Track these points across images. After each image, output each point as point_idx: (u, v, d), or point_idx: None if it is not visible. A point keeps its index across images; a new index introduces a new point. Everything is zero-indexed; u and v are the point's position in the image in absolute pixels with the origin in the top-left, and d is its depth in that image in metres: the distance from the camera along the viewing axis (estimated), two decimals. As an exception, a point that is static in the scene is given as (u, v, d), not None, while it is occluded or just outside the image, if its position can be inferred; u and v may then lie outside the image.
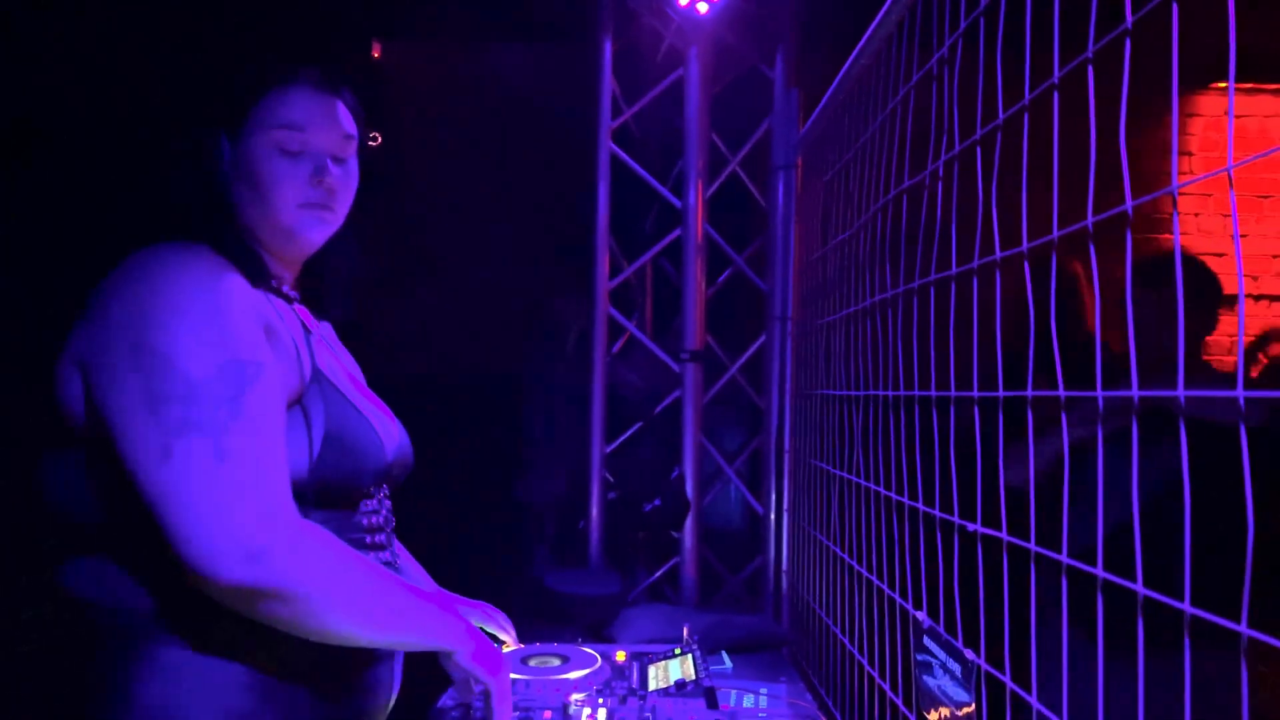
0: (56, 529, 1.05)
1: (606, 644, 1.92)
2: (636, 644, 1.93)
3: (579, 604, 2.25)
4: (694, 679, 1.57)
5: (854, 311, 1.74)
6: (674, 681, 1.57)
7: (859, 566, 1.69)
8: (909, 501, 1.41)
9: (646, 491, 2.56)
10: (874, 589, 1.60)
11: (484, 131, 3.65)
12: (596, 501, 2.67)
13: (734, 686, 1.69)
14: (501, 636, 1.59)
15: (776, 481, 2.59)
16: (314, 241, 1.19)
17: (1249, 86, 4.10)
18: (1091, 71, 0.91)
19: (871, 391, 1.61)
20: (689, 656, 1.68)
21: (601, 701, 1.48)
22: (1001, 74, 1.12)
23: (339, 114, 1.17)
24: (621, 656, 1.77)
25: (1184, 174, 4.19)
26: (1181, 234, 4.16)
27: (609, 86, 2.71)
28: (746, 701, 1.67)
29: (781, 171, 2.60)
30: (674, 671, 1.63)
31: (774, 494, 2.60)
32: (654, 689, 1.57)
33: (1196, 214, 4.17)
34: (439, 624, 1.12)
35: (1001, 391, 1.10)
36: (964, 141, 1.20)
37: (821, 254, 2.14)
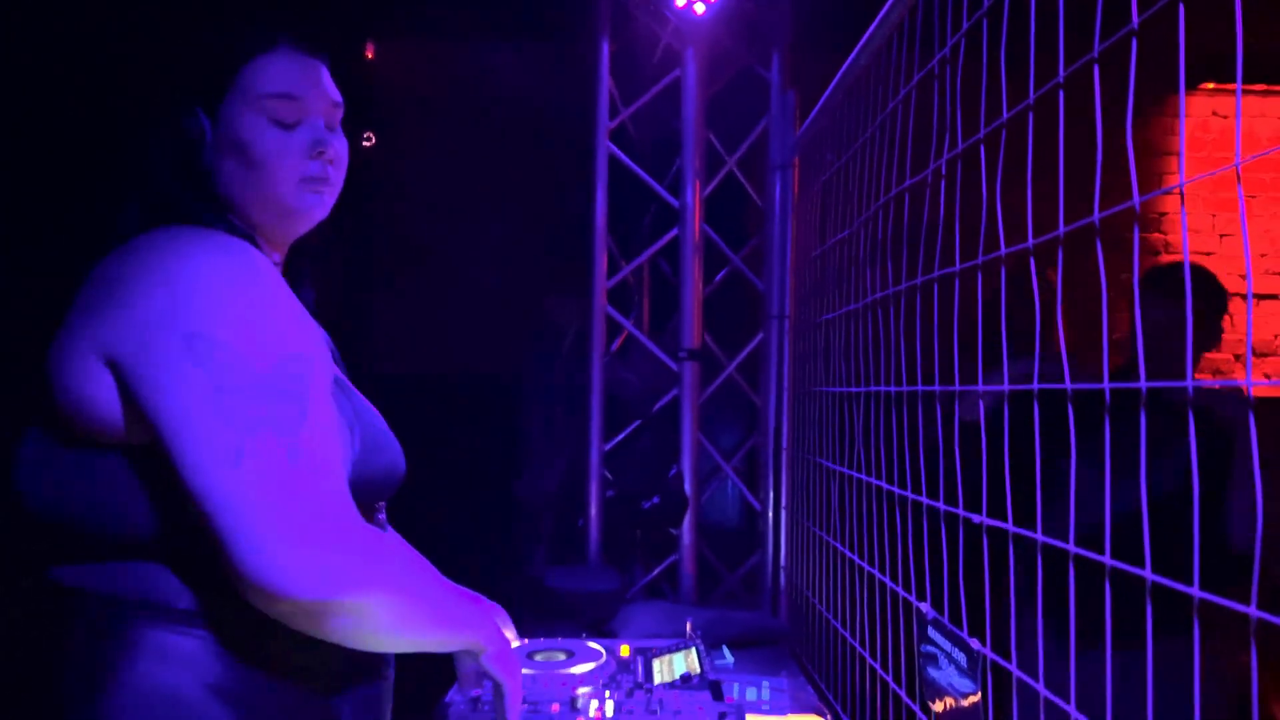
0: (61, 534, 0.94)
1: (609, 639, 1.94)
2: (639, 639, 1.94)
3: (580, 601, 2.26)
4: (699, 672, 1.59)
5: (855, 308, 1.76)
6: (679, 675, 1.59)
7: (860, 560, 1.71)
8: (912, 495, 1.43)
9: (645, 489, 2.57)
10: (875, 582, 1.62)
11: (479, 131, 3.66)
12: (595, 499, 2.69)
13: (736, 680, 1.71)
14: (504, 633, 1.60)
15: (774, 478, 2.61)
16: (314, 219, 1.10)
17: (1233, 88, 4.15)
18: (1097, 71, 0.93)
19: (873, 388, 1.63)
20: (692, 650, 1.69)
21: (608, 694, 1.50)
22: (999, 74, 1.14)
23: (325, 80, 1.09)
24: (625, 651, 1.78)
25: (1172, 174, 4.23)
26: (1171, 233, 4.21)
27: (606, 87, 2.73)
28: (750, 694, 1.69)
29: (778, 171, 2.62)
30: (678, 665, 1.64)
31: (772, 491, 2.62)
32: (659, 682, 1.59)
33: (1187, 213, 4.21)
34: (476, 621, 1.08)
35: (1007, 386, 1.12)
36: (967, 140, 1.22)
37: (820, 252, 2.16)
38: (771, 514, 2.62)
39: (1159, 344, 1.81)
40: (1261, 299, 4.20)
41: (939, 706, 1.29)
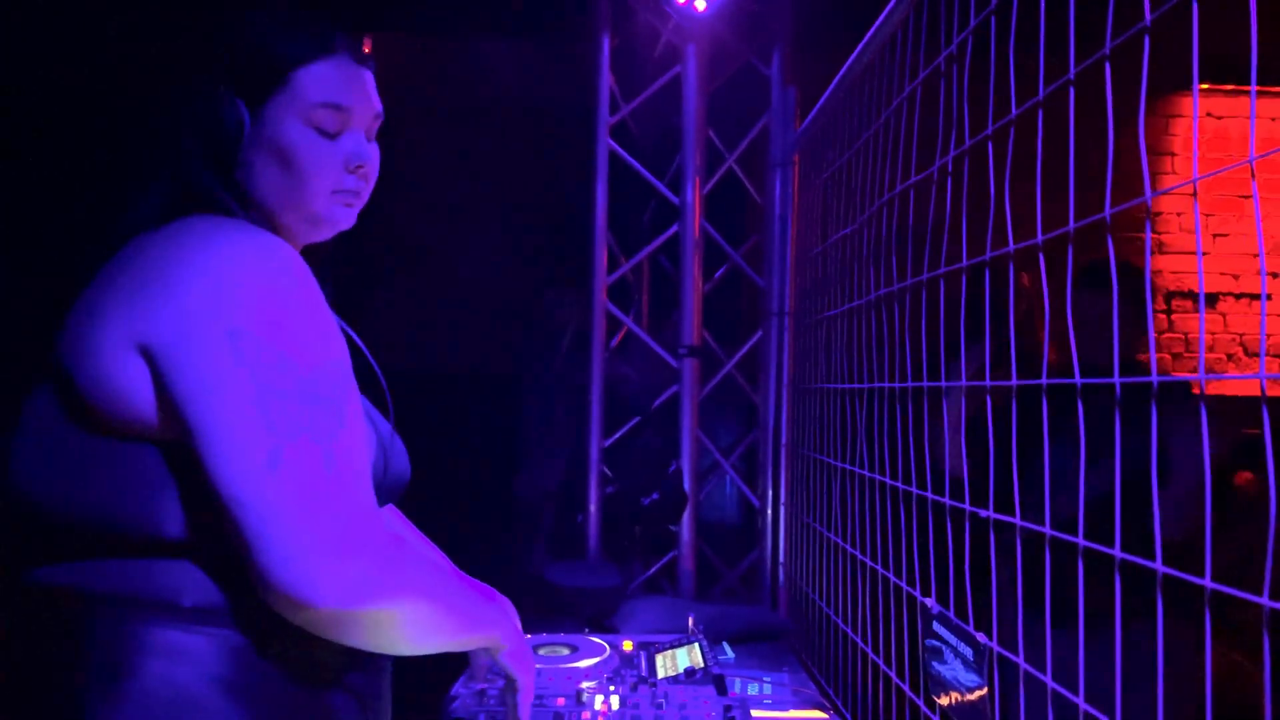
0: (74, 529, 0.90)
1: (611, 634, 1.94)
2: (640, 634, 1.95)
3: (580, 596, 2.27)
4: (703, 667, 1.60)
5: (858, 305, 1.77)
6: (683, 669, 1.59)
7: (862, 556, 1.71)
8: (916, 490, 1.44)
9: (645, 485, 2.58)
10: (877, 578, 1.63)
11: (477, 128, 3.66)
12: (595, 495, 2.69)
13: (737, 675, 1.72)
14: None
15: (773, 475, 2.62)
16: (340, 229, 1.09)
17: (1229, 88, 4.17)
18: (1109, 69, 0.93)
19: (877, 384, 1.64)
20: (695, 645, 1.70)
21: (613, 689, 1.50)
22: (1000, 72, 1.15)
23: (371, 89, 1.07)
24: (629, 646, 1.79)
25: (1167, 174, 4.26)
26: (1164, 233, 4.23)
27: (607, 83, 2.73)
28: (751, 689, 1.69)
29: (779, 168, 2.63)
30: (681, 660, 1.65)
31: (770, 488, 2.63)
32: (662, 677, 1.59)
33: (1179, 213, 4.24)
34: (496, 619, 1.08)
35: (1015, 380, 1.13)
36: (974, 136, 1.23)
37: (822, 249, 2.17)
38: (770, 510, 2.63)
39: (1092, 336, 1.87)
40: (1255, 299, 4.23)
41: (945, 700, 1.30)
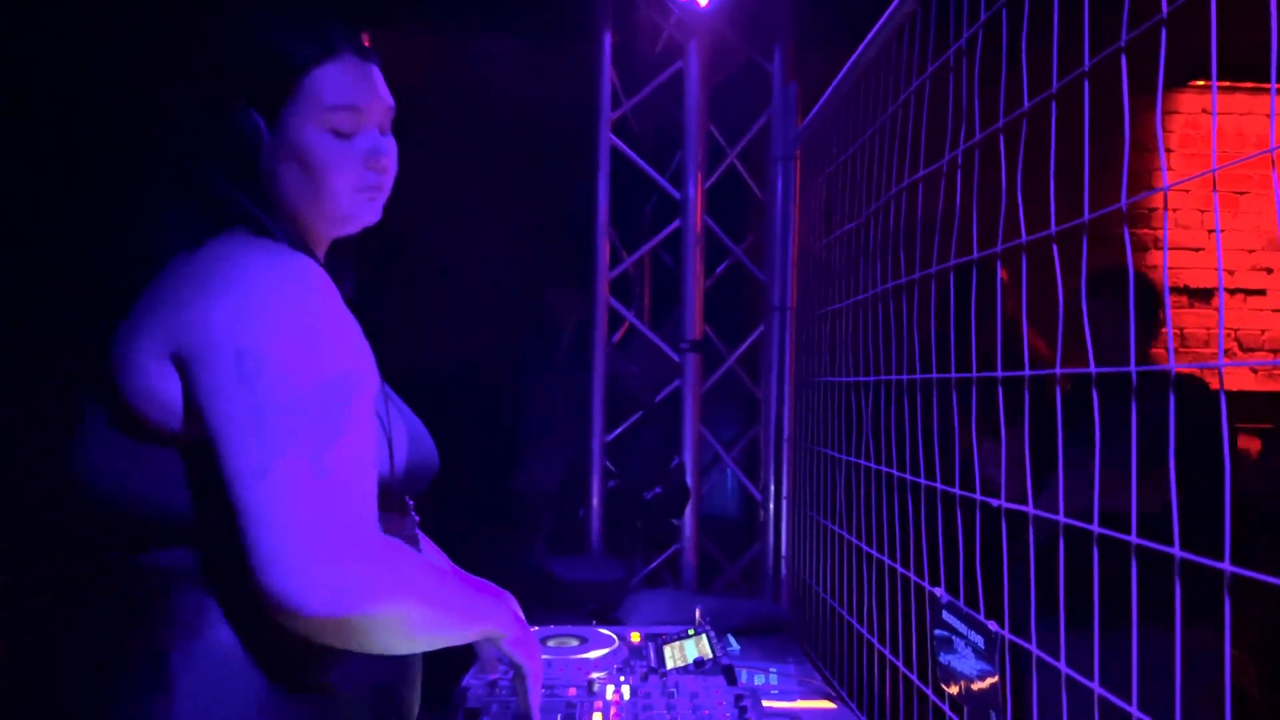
0: (130, 523, 0.97)
1: (618, 626, 1.95)
2: (646, 626, 1.96)
3: (584, 590, 2.28)
4: (712, 657, 1.61)
5: (865, 298, 1.78)
6: (692, 660, 1.60)
7: (869, 548, 1.72)
8: (925, 481, 1.45)
9: (647, 480, 2.59)
10: (883, 569, 1.64)
11: (478, 124, 3.65)
12: (597, 490, 2.70)
13: (743, 666, 1.73)
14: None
15: (775, 469, 2.63)
16: (367, 224, 1.13)
17: (1225, 84, 4.20)
18: (1125, 60, 0.94)
19: (885, 376, 1.65)
20: (703, 636, 1.71)
21: (623, 679, 1.51)
22: (1012, 65, 1.16)
23: (380, 84, 1.10)
24: (636, 637, 1.80)
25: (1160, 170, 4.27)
26: (1157, 229, 4.25)
27: (609, 78, 2.74)
28: (758, 680, 1.71)
29: (780, 163, 2.64)
30: (690, 651, 1.66)
31: (773, 481, 2.64)
32: (672, 667, 1.60)
33: (1175, 209, 4.26)
34: (493, 611, 1.12)
35: (1027, 371, 1.14)
36: (985, 129, 1.24)
37: (826, 244, 2.18)
38: (773, 504, 2.64)
39: (1106, 338, 1.90)
40: (1250, 294, 4.26)
41: (954, 689, 1.31)
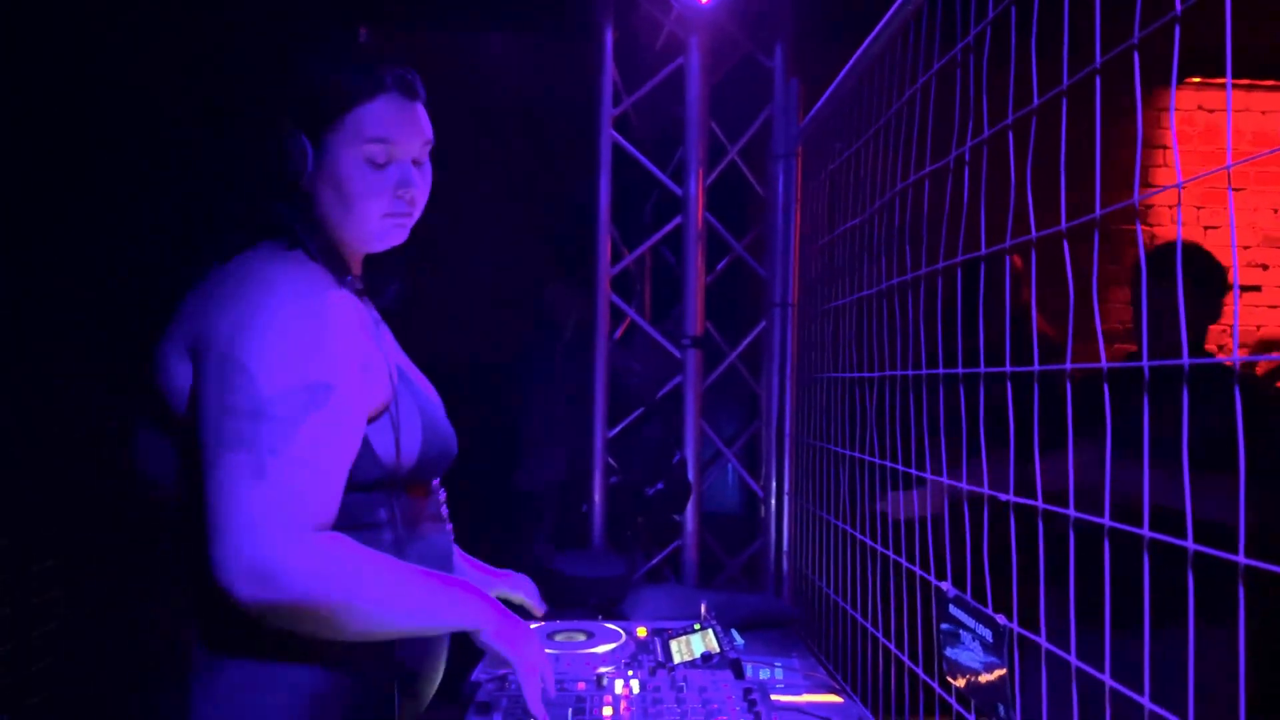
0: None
1: (623, 621, 1.96)
2: (651, 621, 1.96)
3: (587, 586, 2.28)
4: (719, 651, 1.61)
5: (869, 295, 1.79)
6: (699, 654, 1.61)
7: (872, 543, 1.73)
8: (931, 476, 1.45)
9: (649, 475, 2.59)
10: (888, 564, 1.65)
11: (478, 120, 3.65)
12: (599, 486, 2.70)
13: (749, 661, 1.74)
14: (528, 605, 1.61)
15: (777, 465, 2.63)
16: (394, 245, 1.24)
17: (1220, 82, 4.21)
18: (1137, 58, 0.95)
19: (889, 372, 1.66)
20: (709, 631, 1.72)
21: (631, 673, 1.52)
22: (1021, 61, 1.17)
23: (421, 120, 1.20)
24: (643, 632, 1.80)
25: (1160, 167, 4.29)
26: (1156, 225, 4.27)
27: (610, 74, 2.73)
28: (764, 674, 1.71)
29: (781, 160, 2.64)
30: (696, 645, 1.66)
31: (774, 478, 2.65)
32: (679, 662, 1.61)
33: (1170, 206, 4.28)
34: (460, 606, 1.16)
35: (1037, 366, 1.14)
36: (994, 126, 1.24)
37: (829, 240, 2.18)
38: (774, 500, 2.64)
39: (1167, 323, 1.88)
40: (1245, 290, 4.27)
41: (960, 682, 1.32)
